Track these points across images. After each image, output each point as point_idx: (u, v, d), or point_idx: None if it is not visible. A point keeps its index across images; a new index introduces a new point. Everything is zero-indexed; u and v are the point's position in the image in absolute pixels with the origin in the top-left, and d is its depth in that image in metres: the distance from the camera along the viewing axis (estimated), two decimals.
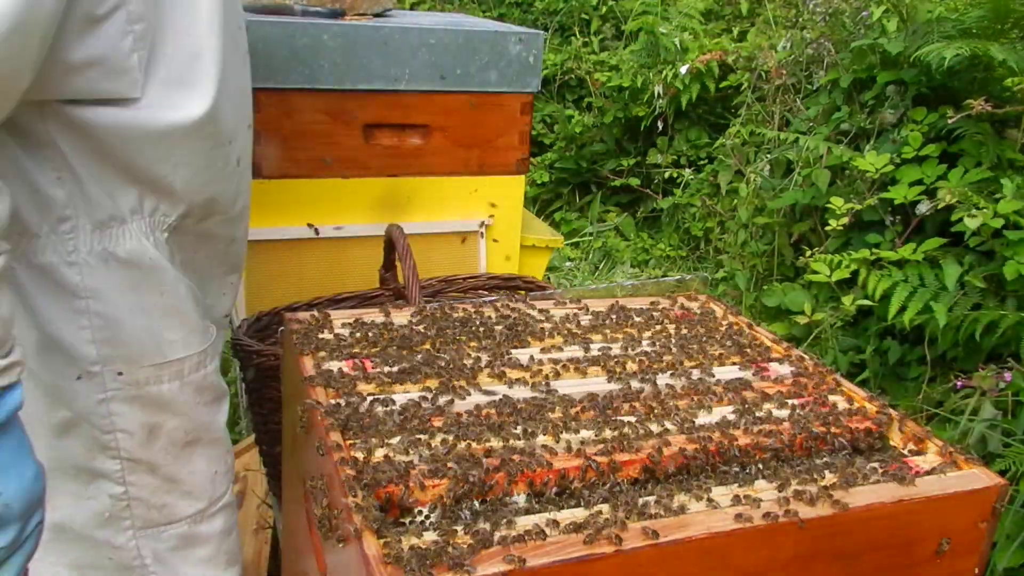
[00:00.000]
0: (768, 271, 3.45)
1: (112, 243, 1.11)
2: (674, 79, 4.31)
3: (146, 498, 1.24)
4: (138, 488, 1.23)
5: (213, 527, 1.33)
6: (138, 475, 1.22)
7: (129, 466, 1.21)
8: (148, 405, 1.19)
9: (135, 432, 1.19)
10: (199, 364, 1.24)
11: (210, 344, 1.27)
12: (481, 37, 2.13)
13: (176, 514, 1.28)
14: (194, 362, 1.23)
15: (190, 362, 1.22)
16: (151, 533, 1.26)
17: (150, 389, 1.19)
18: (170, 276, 1.17)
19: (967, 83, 2.92)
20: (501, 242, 2.34)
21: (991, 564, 1.90)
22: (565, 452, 1.08)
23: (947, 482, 1.10)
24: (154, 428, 1.21)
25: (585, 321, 1.50)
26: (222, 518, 1.35)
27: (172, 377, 1.20)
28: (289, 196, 2.11)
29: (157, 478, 1.24)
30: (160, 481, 1.25)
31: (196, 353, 1.23)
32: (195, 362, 1.23)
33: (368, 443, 1.06)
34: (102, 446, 1.19)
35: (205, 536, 1.33)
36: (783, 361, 1.42)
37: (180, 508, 1.28)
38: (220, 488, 1.34)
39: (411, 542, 0.90)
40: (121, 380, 1.16)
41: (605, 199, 4.79)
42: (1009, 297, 2.42)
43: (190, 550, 1.31)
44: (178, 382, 1.21)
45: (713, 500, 1.01)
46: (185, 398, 1.23)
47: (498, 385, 1.25)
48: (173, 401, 1.22)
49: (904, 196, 2.70)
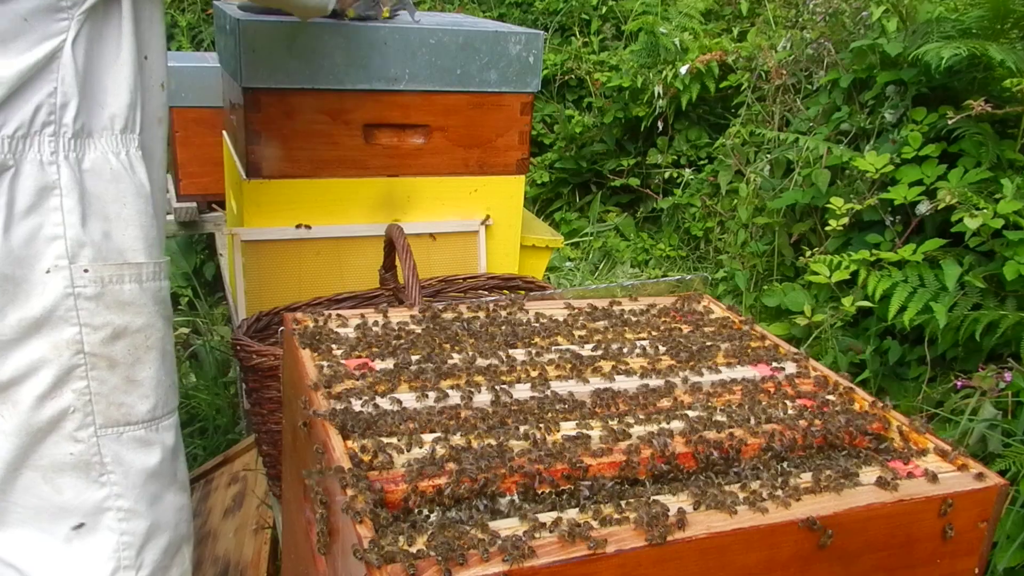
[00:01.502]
0: (768, 271, 3.45)
1: (81, 152, 1.24)
2: (674, 79, 4.31)
3: (107, 394, 1.32)
4: (100, 384, 1.31)
5: (165, 439, 1.42)
6: (99, 371, 1.30)
7: (92, 361, 1.29)
8: (112, 304, 1.29)
9: (99, 328, 1.29)
10: (155, 274, 1.35)
11: (166, 260, 1.39)
12: (481, 37, 2.13)
13: (134, 415, 1.36)
14: (151, 270, 1.34)
15: (147, 269, 1.33)
16: (111, 434, 1.34)
17: (113, 288, 1.29)
18: (131, 189, 1.29)
19: (967, 83, 2.92)
20: (501, 242, 2.34)
21: (991, 564, 1.90)
22: (565, 452, 1.07)
23: (947, 482, 1.10)
24: (118, 327, 1.30)
25: (585, 321, 1.50)
26: (172, 433, 1.44)
27: (132, 279, 1.31)
28: (289, 196, 2.11)
29: (117, 376, 1.32)
30: (120, 380, 1.33)
31: (154, 263, 1.34)
32: (152, 271, 1.34)
33: (367, 443, 1.06)
34: (68, 340, 1.27)
35: (159, 444, 1.41)
36: (783, 361, 1.42)
37: (138, 410, 1.36)
38: (173, 399, 1.44)
39: (411, 542, 0.90)
40: (87, 277, 1.26)
41: (605, 199, 4.79)
42: (1009, 297, 2.42)
43: (146, 455, 1.39)
44: (137, 285, 1.32)
45: (713, 500, 1.01)
46: (145, 303, 1.33)
47: (498, 385, 1.25)
48: (134, 303, 1.32)
49: (904, 196, 2.70)
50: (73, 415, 1.30)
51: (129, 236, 1.30)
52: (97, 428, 1.32)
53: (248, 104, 2.01)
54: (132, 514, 1.38)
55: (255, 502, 2.17)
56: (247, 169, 2.07)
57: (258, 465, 2.20)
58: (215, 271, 3.48)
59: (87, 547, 1.36)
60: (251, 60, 1.96)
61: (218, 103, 2.70)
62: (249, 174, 2.07)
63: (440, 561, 0.87)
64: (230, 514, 2.23)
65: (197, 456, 2.71)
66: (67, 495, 1.33)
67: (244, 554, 2.06)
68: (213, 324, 3.38)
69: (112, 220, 1.28)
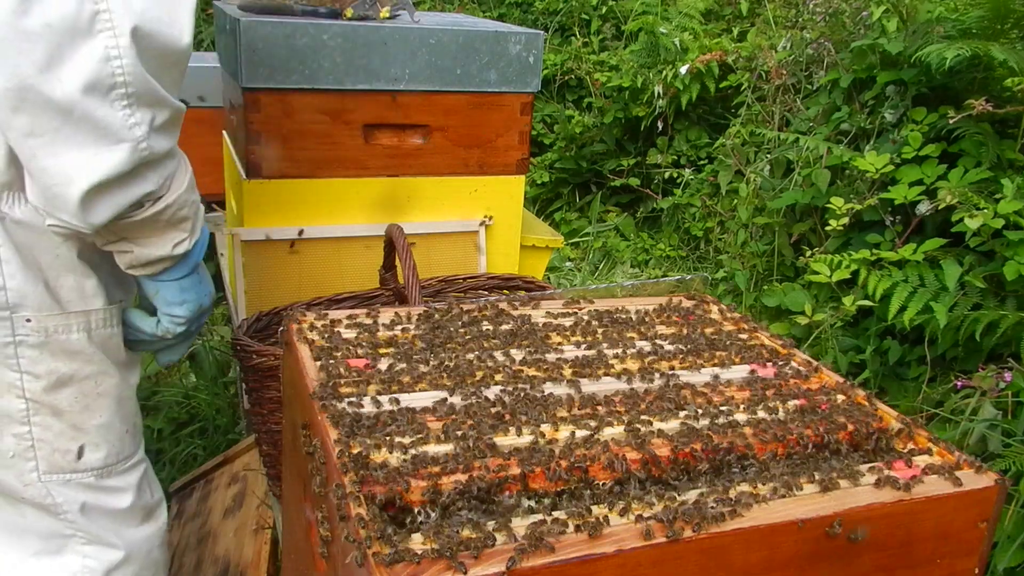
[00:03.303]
0: (768, 271, 3.45)
1: (8, 206, 1.23)
2: (674, 79, 4.31)
3: (50, 441, 1.32)
4: (42, 430, 1.31)
5: (126, 482, 1.42)
6: (42, 417, 1.31)
7: (34, 407, 1.30)
8: (57, 353, 1.29)
9: (42, 376, 1.29)
10: (106, 321, 1.34)
11: (116, 305, 1.37)
12: (481, 37, 2.13)
13: (83, 463, 1.36)
14: (100, 317, 1.33)
15: (96, 317, 1.32)
16: (56, 480, 1.34)
17: (58, 337, 1.29)
18: (60, 240, 1.26)
19: (967, 83, 2.92)
20: (501, 242, 2.34)
21: (991, 564, 1.90)
22: (565, 452, 1.07)
23: (947, 482, 1.10)
24: (63, 375, 1.30)
25: (585, 321, 1.50)
26: (136, 475, 1.44)
27: (81, 328, 1.31)
28: (289, 196, 2.11)
29: (62, 423, 1.32)
30: (65, 427, 1.33)
31: (100, 309, 1.33)
32: (101, 318, 1.33)
33: (368, 443, 1.06)
34: (8, 384, 1.28)
35: (117, 488, 1.41)
36: (783, 361, 1.42)
37: (87, 458, 1.36)
38: (131, 446, 1.43)
39: (411, 542, 0.90)
40: (29, 327, 1.26)
41: (605, 199, 4.79)
42: (1009, 297, 2.42)
43: (103, 499, 1.39)
44: (86, 334, 1.31)
45: (714, 500, 1.01)
46: (95, 351, 1.33)
47: (498, 385, 1.25)
48: (82, 352, 1.32)
49: (904, 196, 2.70)
50: (14, 459, 1.31)
51: (65, 286, 1.28)
52: (40, 474, 1.32)
53: (248, 104, 2.01)
54: (97, 541, 1.39)
55: (255, 502, 2.17)
56: (247, 169, 2.07)
57: (258, 465, 2.20)
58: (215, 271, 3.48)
59: (55, 564, 1.38)
60: (251, 60, 1.96)
61: (218, 103, 2.70)
62: (249, 174, 2.07)
63: (441, 561, 0.87)
64: (230, 514, 2.23)
65: (197, 456, 2.71)
66: (29, 519, 1.36)
67: (244, 554, 2.05)
68: (213, 324, 3.38)
69: (46, 270, 1.27)
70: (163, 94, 1.16)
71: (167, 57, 1.15)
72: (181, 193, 1.25)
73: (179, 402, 2.90)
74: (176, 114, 1.20)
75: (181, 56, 1.18)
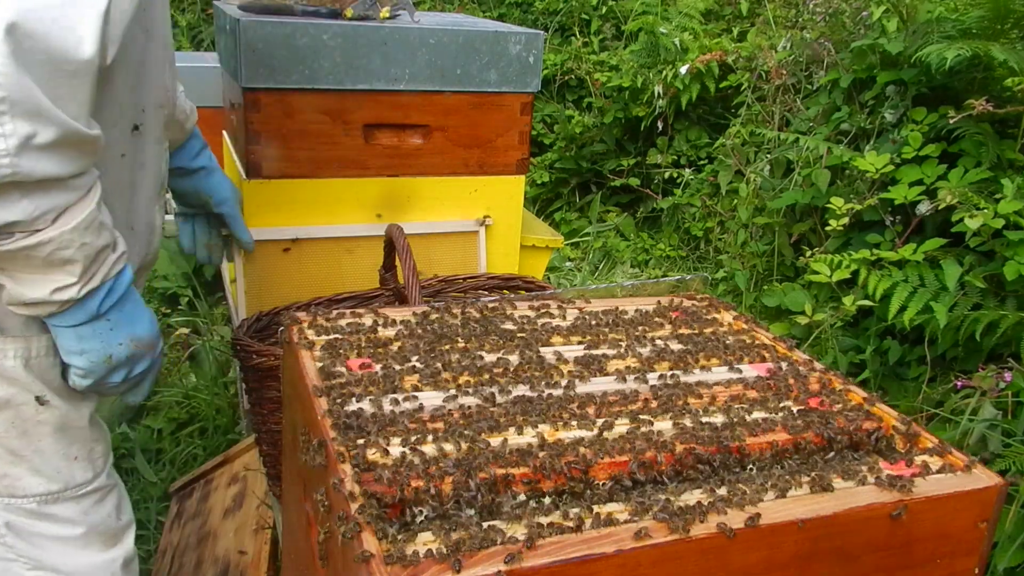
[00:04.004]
0: (768, 271, 3.45)
1: None
2: (674, 79, 4.31)
3: None
4: None
5: (76, 510, 1.36)
6: None
7: None
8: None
9: None
10: (48, 350, 1.26)
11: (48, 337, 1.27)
12: (481, 37, 2.13)
13: (21, 489, 1.31)
14: (43, 345, 1.26)
15: (38, 344, 1.25)
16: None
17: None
18: None
19: (967, 83, 2.92)
20: (501, 242, 2.34)
21: (991, 564, 1.90)
22: (565, 452, 1.07)
23: (947, 482, 1.10)
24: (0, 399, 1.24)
25: (584, 321, 1.50)
26: (90, 502, 1.37)
27: (17, 354, 1.24)
28: (289, 196, 2.11)
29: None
30: (2, 451, 1.28)
31: (42, 337, 1.25)
32: (44, 346, 1.26)
33: (367, 443, 1.06)
34: None
35: (65, 517, 1.35)
36: (783, 361, 1.42)
37: (26, 484, 1.31)
38: (81, 475, 1.35)
39: (411, 542, 0.90)
40: None
41: (605, 199, 4.79)
42: (1009, 297, 2.42)
43: (48, 527, 1.34)
44: (21, 360, 1.25)
45: (714, 500, 1.01)
46: (33, 380, 1.26)
47: (498, 384, 1.25)
48: (20, 378, 1.25)
49: (904, 196, 2.70)
50: None
51: (4, 312, 1.21)
52: None
53: (248, 104, 2.01)
54: (41, 567, 1.35)
55: (255, 502, 2.17)
56: (247, 169, 2.07)
57: (258, 465, 2.20)
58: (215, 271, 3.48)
59: None
60: (251, 60, 1.96)
61: (218, 103, 2.70)
62: (249, 174, 2.07)
63: (441, 561, 0.87)
64: (230, 514, 2.23)
65: (197, 456, 2.71)
66: None
67: (244, 554, 2.06)
68: (213, 324, 3.38)
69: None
70: (49, 108, 1.00)
71: (60, 66, 1.00)
72: (66, 232, 1.09)
73: (179, 402, 2.90)
74: (72, 137, 1.04)
75: (81, 68, 1.02)
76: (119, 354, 1.26)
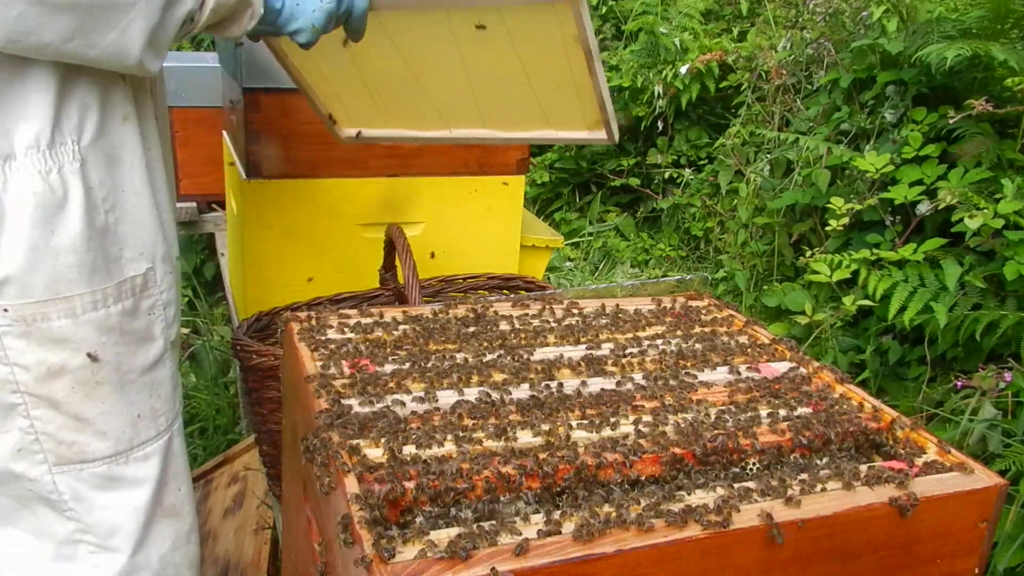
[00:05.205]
0: (768, 271, 3.45)
1: (3, 177, 1.12)
2: (674, 79, 4.31)
3: (53, 434, 1.25)
4: (44, 423, 1.24)
5: (144, 472, 1.33)
6: (42, 410, 1.23)
7: (32, 401, 1.22)
8: (44, 342, 1.19)
9: (31, 367, 1.20)
10: (96, 304, 1.22)
11: (113, 284, 1.24)
12: None
13: (89, 453, 1.28)
14: (88, 301, 1.21)
15: (82, 301, 1.21)
16: (70, 470, 1.27)
17: (40, 326, 1.18)
18: (61, 213, 1.16)
19: (967, 83, 2.92)
20: (501, 242, 2.34)
21: (991, 564, 1.90)
22: (565, 452, 1.07)
23: (947, 482, 1.10)
24: (54, 365, 1.21)
25: (585, 321, 1.50)
26: (156, 464, 1.34)
27: (63, 315, 1.20)
28: (289, 196, 2.11)
29: (62, 415, 1.24)
30: (66, 418, 1.25)
31: (90, 292, 1.21)
32: (89, 301, 1.22)
33: (367, 444, 1.06)
34: (3, 379, 1.20)
35: (133, 479, 1.32)
36: (783, 361, 1.42)
37: (94, 448, 1.28)
38: (145, 432, 1.33)
39: (411, 542, 0.90)
40: (8, 316, 1.16)
41: (605, 199, 4.79)
42: (1009, 297, 2.42)
43: (116, 492, 1.31)
44: (70, 320, 1.20)
45: (715, 500, 1.01)
46: (86, 336, 1.22)
47: (498, 384, 1.25)
48: (71, 339, 1.21)
49: (904, 196, 2.70)
50: (21, 453, 1.24)
51: (61, 265, 1.17)
52: (51, 466, 1.26)
53: (248, 104, 2.01)
54: (103, 550, 1.32)
55: (255, 502, 2.18)
56: (247, 169, 2.07)
57: (258, 465, 2.20)
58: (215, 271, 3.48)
59: (68, 570, 1.32)
60: (251, 60, 1.96)
61: (218, 103, 2.70)
62: (249, 174, 2.07)
63: (440, 561, 0.87)
64: (230, 514, 2.23)
65: (197, 456, 2.71)
66: (44, 521, 1.30)
67: (244, 554, 2.06)
68: (213, 324, 3.38)
69: (40, 251, 1.15)
70: None
71: None
72: None
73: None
74: None
75: None
76: None
